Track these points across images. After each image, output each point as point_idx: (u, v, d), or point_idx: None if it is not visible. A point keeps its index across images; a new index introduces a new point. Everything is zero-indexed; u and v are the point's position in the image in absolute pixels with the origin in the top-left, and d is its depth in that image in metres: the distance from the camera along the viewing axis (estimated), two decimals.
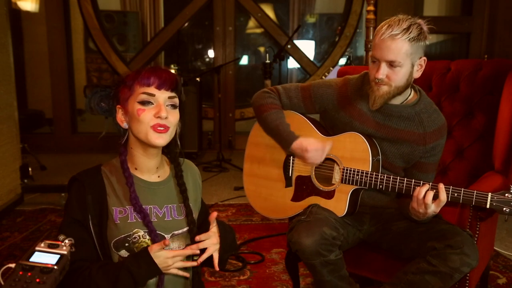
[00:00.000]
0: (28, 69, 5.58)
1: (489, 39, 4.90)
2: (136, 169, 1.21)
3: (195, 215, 1.28)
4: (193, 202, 1.28)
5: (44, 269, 0.79)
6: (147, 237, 1.15)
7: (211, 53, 6.08)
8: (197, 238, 1.17)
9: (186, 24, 5.51)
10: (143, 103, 1.14)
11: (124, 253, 1.14)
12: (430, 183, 1.40)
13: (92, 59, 6.15)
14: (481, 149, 1.92)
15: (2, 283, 0.80)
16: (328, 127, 1.69)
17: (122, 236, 1.14)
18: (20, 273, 0.78)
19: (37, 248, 0.84)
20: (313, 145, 1.55)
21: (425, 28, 1.45)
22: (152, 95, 1.14)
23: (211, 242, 1.19)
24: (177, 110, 1.19)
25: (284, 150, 1.68)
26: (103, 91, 1.23)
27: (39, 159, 4.29)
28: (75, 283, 1.08)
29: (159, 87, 1.14)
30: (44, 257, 0.82)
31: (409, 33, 1.40)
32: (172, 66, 5.03)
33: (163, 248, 1.11)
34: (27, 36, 5.56)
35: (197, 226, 1.26)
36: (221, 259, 1.23)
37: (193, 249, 1.16)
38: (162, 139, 1.15)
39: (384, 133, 1.56)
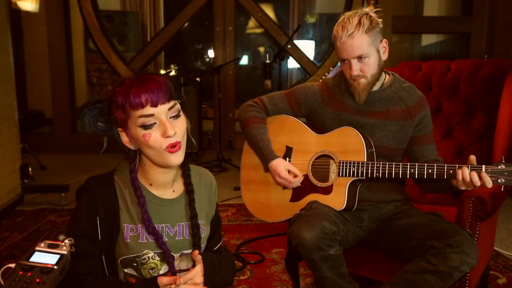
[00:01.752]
0: (28, 69, 5.59)
1: (489, 39, 4.90)
2: (151, 184, 1.15)
3: (207, 231, 1.23)
4: (205, 217, 1.23)
5: (44, 269, 0.79)
6: (157, 258, 1.12)
7: (211, 53, 6.09)
8: (178, 281, 1.06)
9: (186, 24, 5.51)
10: (145, 127, 1.04)
11: (130, 271, 1.11)
12: (469, 165, 1.39)
13: (92, 59, 6.15)
14: (481, 149, 1.92)
15: (2, 283, 0.79)
16: (318, 128, 1.72)
17: (131, 256, 1.10)
18: (20, 273, 0.78)
19: (37, 248, 0.83)
20: (283, 174, 1.63)
21: (373, 14, 1.55)
22: (151, 115, 1.03)
23: (193, 282, 1.09)
24: (182, 117, 1.09)
25: (264, 167, 1.72)
26: (95, 109, 1.10)
27: (39, 159, 4.29)
28: None
29: (154, 104, 1.03)
30: (44, 257, 0.82)
31: (363, 26, 1.51)
32: (172, 66, 5.04)
33: (172, 285, 1.05)
34: (27, 36, 5.57)
35: (208, 238, 1.23)
36: None
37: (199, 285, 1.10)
38: (179, 157, 1.07)
39: (372, 118, 1.63)
